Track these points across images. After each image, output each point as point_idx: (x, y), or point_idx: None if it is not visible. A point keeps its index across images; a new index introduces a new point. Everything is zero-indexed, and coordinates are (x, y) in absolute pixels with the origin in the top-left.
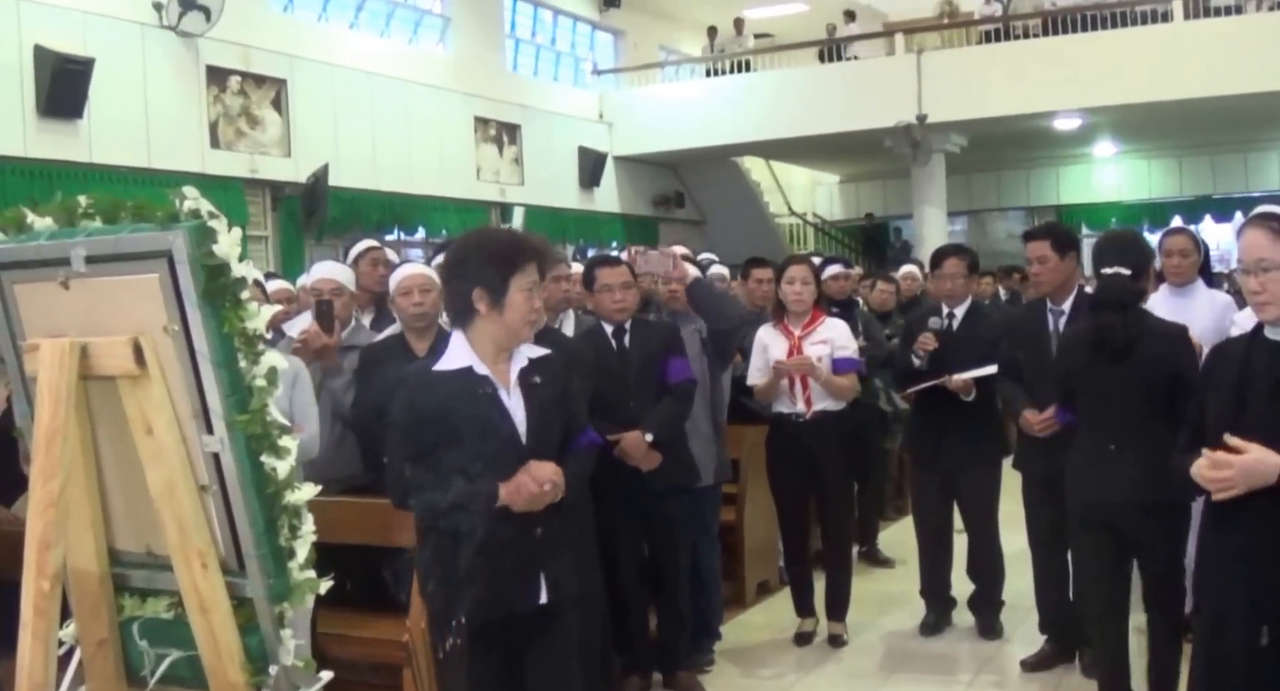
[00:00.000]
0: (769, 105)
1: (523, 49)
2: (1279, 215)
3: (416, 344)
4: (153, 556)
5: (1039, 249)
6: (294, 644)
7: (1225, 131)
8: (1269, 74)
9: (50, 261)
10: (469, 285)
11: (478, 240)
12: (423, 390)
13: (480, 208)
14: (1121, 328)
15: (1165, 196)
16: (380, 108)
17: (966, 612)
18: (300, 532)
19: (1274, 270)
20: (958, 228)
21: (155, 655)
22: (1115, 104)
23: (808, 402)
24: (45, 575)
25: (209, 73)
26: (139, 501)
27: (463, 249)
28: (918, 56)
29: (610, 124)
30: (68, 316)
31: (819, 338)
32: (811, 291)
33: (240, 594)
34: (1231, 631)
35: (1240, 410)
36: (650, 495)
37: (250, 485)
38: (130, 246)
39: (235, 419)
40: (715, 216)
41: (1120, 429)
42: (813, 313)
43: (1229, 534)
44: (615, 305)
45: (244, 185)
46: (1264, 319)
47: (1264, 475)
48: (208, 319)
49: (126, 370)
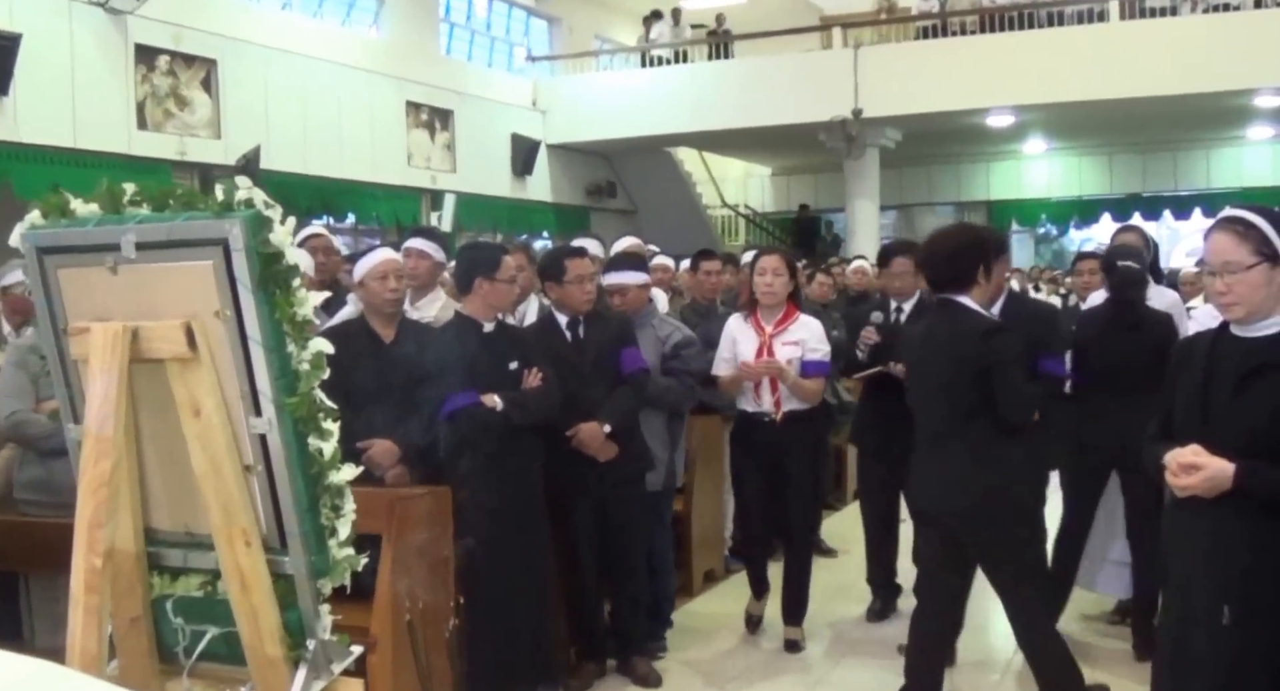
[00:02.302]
0: (704, 96)
1: (457, 33)
2: (1245, 218)
3: (382, 329)
4: (191, 535)
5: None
6: (329, 619)
7: (1156, 131)
8: (1202, 75)
9: (99, 247)
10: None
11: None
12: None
13: (411, 194)
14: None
15: (1095, 194)
16: (311, 90)
17: (912, 598)
18: (343, 511)
19: (1240, 272)
20: (888, 221)
21: (191, 632)
22: (1049, 102)
23: (777, 404)
24: (96, 552)
25: (138, 51)
26: (178, 482)
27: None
28: (855, 51)
29: (544, 112)
30: (114, 301)
31: (791, 337)
32: (784, 284)
33: (280, 571)
34: (1195, 609)
35: (1207, 404)
36: (606, 484)
37: (296, 465)
38: (185, 233)
39: (285, 401)
40: (647, 207)
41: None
42: (787, 308)
43: (1191, 519)
44: (586, 296)
45: (172, 168)
46: (1230, 319)
47: (1221, 485)
48: (260, 305)
49: (178, 353)
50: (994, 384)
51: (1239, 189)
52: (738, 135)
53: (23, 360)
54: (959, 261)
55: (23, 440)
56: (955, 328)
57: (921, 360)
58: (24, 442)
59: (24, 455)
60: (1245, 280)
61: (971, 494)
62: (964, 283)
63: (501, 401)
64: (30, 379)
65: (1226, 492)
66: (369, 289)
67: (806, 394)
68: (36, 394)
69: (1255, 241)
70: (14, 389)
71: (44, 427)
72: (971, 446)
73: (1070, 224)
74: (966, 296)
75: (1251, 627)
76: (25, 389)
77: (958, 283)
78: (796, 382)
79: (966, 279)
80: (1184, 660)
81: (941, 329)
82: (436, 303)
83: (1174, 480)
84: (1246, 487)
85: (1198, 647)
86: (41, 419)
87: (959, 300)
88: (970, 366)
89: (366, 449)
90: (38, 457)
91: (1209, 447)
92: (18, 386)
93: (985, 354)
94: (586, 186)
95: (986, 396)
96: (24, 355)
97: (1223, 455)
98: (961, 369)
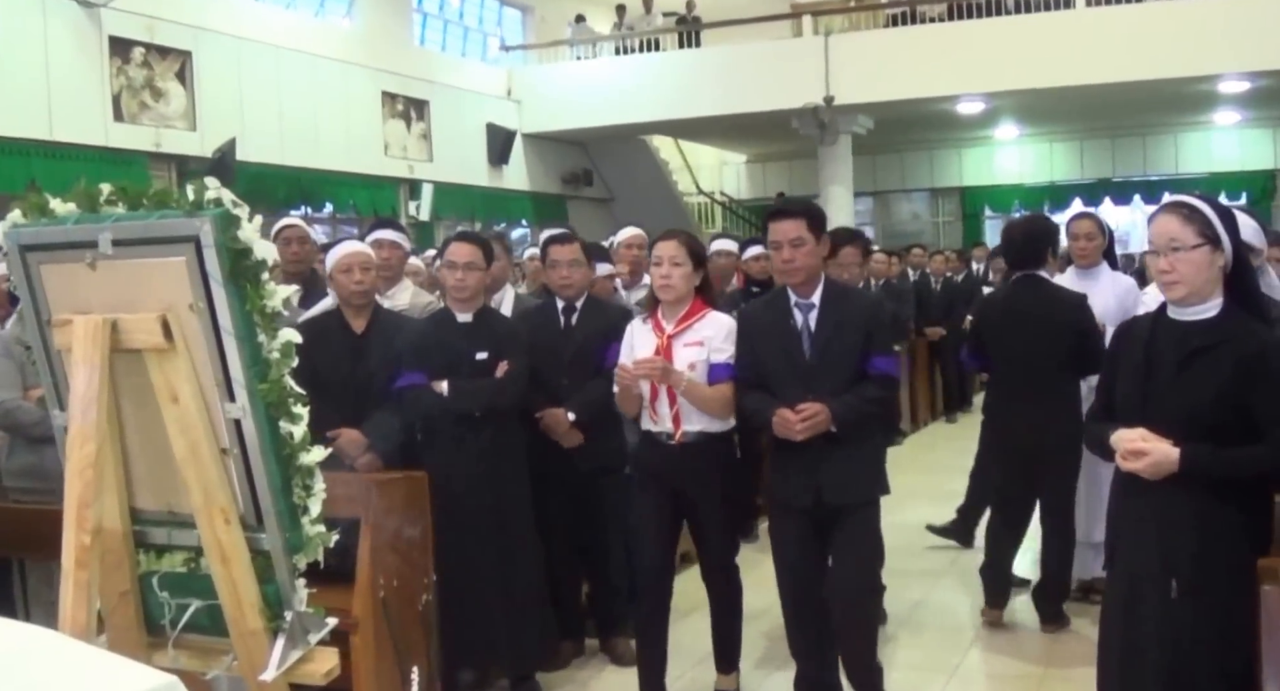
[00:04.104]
0: (678, 85)
1: (431, 23)
2: (1190, 203)
3: (354, 320)
4: (173, 514)
5: (793, 229)
6: (305, 592)
7: (1125, 116)
8: (1168, 61)
9: (78, 244)
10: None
11: None
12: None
13: (388, 184)
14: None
15: (1066, 179)
16: (286, 81)
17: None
18: (313, 490)
19: (1183, 251)
20: (863, 207)
21: (176, 605)
22: (1019, 89)
23: (675, 421)
24: (85, 530)
25: (112, 43)
26: (160, 464)
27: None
28: (825, 39)
29: (519, 101)
30: (94, 295)
31: (693, 337)
32: (685, 275)
33: (258, 547)
34: (1144, 587)
35: (1147, 385)
36: (582, 472)
37: (269, 447)
38: (159, 231)
39: (257, 388)
40: (623, 195)
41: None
42: (693, 304)
43: (1139, 500)
44: (562, 281)
45: (149, 159)
46: (1171, 298)
47: (1167, 469)
48: (231, 297)
49: (155, 344)
50: (1086, 345)
51: (1207, 174)
52: (712, 123)
53: (9, 349)
54: (1034, 244)
55: (13, 427)
56: (1050, 296)
57: (1014, 327)
58: (14, 430)
59: (13, 442)
60: (1189, 259)
61: (1063, 428)
62: (1039, 261)
63: (449, 388)
64: (18, 367)
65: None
66: (337, 282)
67: (705, 403)
68: (24, 382)
69: (1199, 224)
70: (2, 377)
71: (33, 415)
72: (1064, 394)
73: (1043, 209)
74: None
75: (1198, 599)
76: (13, 377)
77: (1035, 261)
78: (690, 388)
79: (1041, 258)
80: (1133, 638)
81: (1026, 298)
82: (406, 292)
83: (1121, 463)
84: (1191, 471)
85: (1146, 627)
86: (31, 406)
87: (1040, 274)
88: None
89: (335, 438)
90: (27, 444)
91: (1150, 428)
92: (6, 375)
93: (1081, 320)
94: (562, 175)
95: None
96: (10, 345)
97: (1165, 435)
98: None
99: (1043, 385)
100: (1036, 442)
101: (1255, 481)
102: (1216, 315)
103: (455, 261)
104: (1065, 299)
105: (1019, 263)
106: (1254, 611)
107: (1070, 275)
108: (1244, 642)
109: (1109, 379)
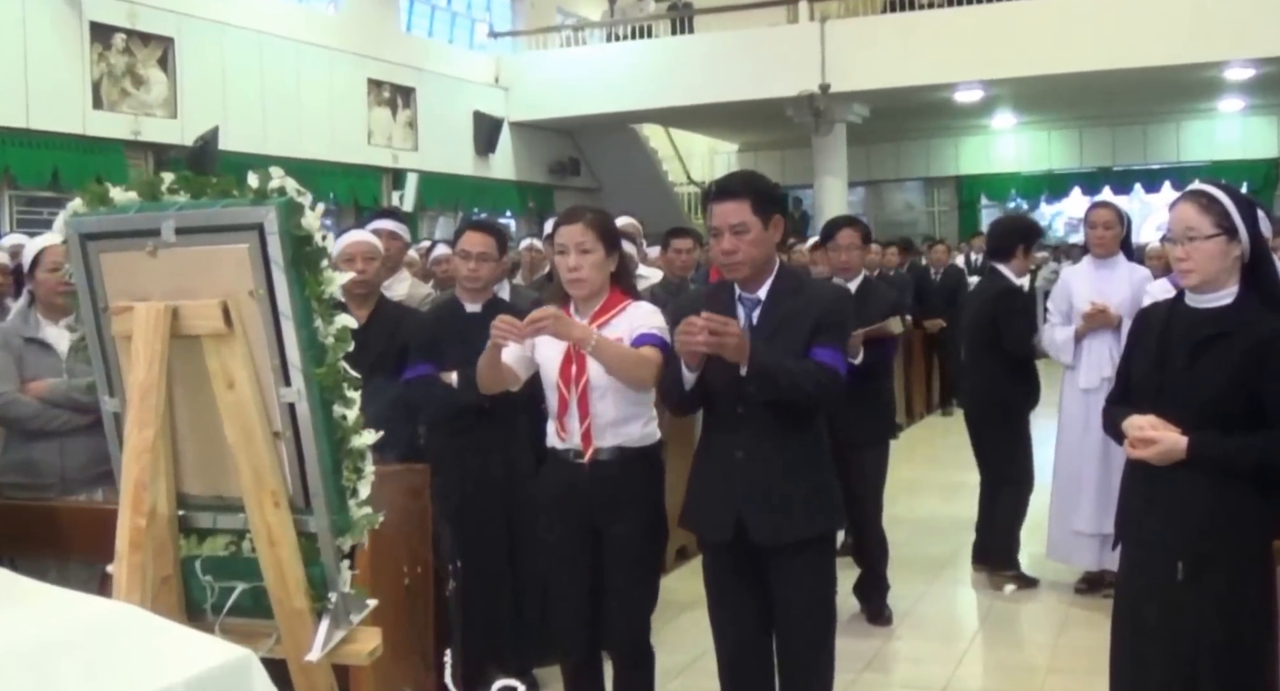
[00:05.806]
0: (669, 72)
1: (417, 9)
2: (1209, 192)
3: (355, 311)
4: (220, 499)
5: (734, 212)
6: (349, 574)
7: (1125, 104)
8: (1169, 47)
9: (140, 232)
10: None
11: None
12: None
13: (372, 173)
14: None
15: (1065, 167)
16: (270, 69)
17: (851, 598)
18: (364, 473)
19: (1199, 240)
20: (855, 198)
21: (220, 588)
22: (1018, 76)
23: (586, 437)
24: (140, 513)
25: (93, 30)
26: (209, 449)
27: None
28: (821, 25)
29: (506, 89)
30: (152, 282)
31: (611, 334)
32: (595, 263)
33: (305, 529)
34: (1150, 568)
35: (1161, 372)
36: None
37: (322, 431)
38: (224, 219)
39: (313, 372)
40: (612, 184)
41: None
42: (610, 296)
43: (1148, 482)
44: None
45: (125, 148)
46: (1186, 285)
47: (1175, 457)
48: (292, 283)
49: (215, 330)
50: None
51: (1209, 162)
52: (704, 111)
53: (5, 342)
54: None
55: (8, 422)
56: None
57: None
58: (9, 425)
59: (7, 437)
60: (1203, 249)
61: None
62: (1007, 255)
63: (458, 379)
64: (15, 360)
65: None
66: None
67: (622, 361)
68: (20, 375)
69: (1216, 215)
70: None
71: (30, 409)
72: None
73: (1041, 198)
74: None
75: (1204, 582)
76: (10, 370)
77: (1002, 254)
78: (602, 345)
79: (1008, 253)
80: (1140, 621)
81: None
82: (405, 282)
83: (1131, 451)
84: (1199, 459)
85: (1154, 601)
86: (28, 400)
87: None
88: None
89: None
90: (21, 440)
91: (1163, 414)
92: (2, 368)
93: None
94: (550, 164)
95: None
96: (7, 337)
97: (1177, 421)
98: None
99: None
100: (973, 406)
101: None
102: (1230, 303)
103: (469, 251)
104: (996, 287)
105: (989, 254)
106: (1264, 593)
107: (1086, 264)
108: (1249, 625)
109: (1126, 364)
